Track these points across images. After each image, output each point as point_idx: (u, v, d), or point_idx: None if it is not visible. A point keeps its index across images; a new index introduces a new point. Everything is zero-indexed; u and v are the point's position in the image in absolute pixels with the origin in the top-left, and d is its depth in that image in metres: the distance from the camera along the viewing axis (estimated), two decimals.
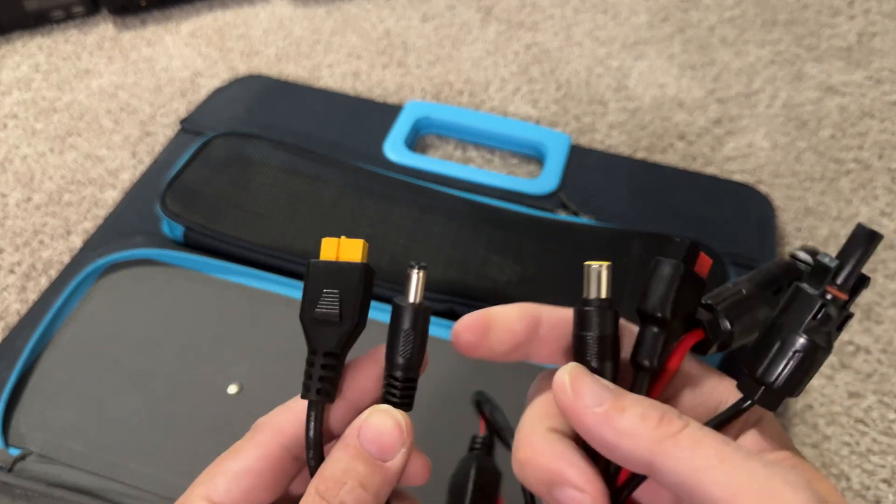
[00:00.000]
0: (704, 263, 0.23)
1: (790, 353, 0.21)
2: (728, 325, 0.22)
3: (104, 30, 0.74)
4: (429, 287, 0.49)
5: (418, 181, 0.56)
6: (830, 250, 0.65)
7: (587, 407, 0.20)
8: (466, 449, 0.36)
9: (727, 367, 0.44)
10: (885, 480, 0.46)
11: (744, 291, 0.23)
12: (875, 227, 0.59)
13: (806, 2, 0.81)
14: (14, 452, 0.41)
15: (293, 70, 0.71)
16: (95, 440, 0.42)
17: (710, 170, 0.64)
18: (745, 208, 0.59)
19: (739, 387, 0.22)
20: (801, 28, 0.78)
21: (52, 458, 0.41)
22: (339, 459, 0.21)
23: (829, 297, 0.20)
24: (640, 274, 0.51)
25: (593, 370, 0.22)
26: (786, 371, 0.21)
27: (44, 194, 0.59)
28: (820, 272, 0.21)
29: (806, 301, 0.21)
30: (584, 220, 0.55)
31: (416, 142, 0.65)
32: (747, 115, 0.69)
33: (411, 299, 0.22)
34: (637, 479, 0.22)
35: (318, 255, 0.23)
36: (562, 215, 0.56)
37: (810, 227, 0.59)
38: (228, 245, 0.51)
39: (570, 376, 0.21)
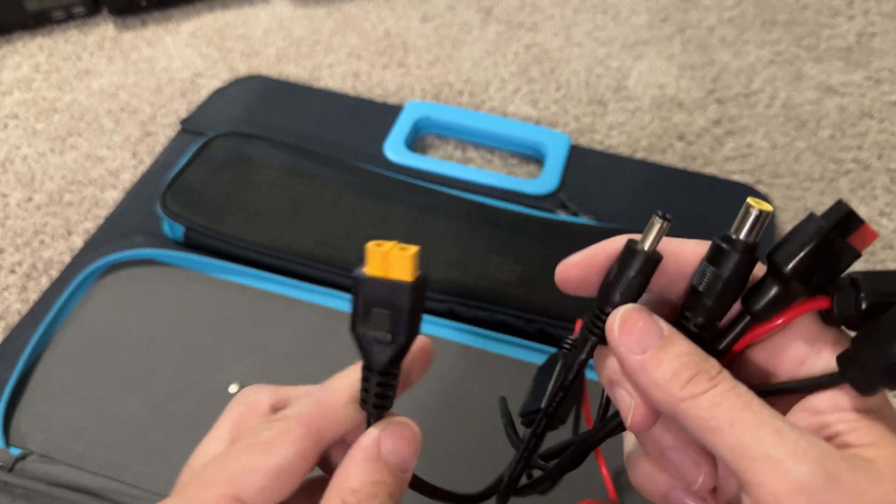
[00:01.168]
0: (866, 236, 0.20)
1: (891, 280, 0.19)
2: (863, 305, 0.20)
3: (105, 30, 0.74)
4: (429, 287, 0.50)
5: (418, 181, 0.56)
6: None
7: (629, 352, 0.22)
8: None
9: None
10: None
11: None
12: (874, 228, 0.59)
13: (805, 2, 0.81)
14: (15, 452, 0.41)
15: (293, 70, 0.71)
16: (96, 440, 0.42)
17: (710, 170, 0.64)
18: None
19: (839, 358, 0.21)
20: (800, 28, 0.78)
21: (52, 458, 0.41)
22: (366, 471, 0.21)
23: None
24: None
25: (702, 305, 0.22)
26: (890, 360, 0.19)
27: (44, 194, 0.59)
28: None
29: None
30: (584, 220, 0.56)
31: (416, 142, 0.65)
32: (747, 116, 0.69)
33: (647, 246, 0.23)
34: (744, 326, 0.22)
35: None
36: (562, 215, 0.56)
37: None
38: (229, 245, 0.51)
39: (619, 321, 0.22)
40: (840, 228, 0.20)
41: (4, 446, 0.42)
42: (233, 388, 0.44)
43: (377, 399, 0.22)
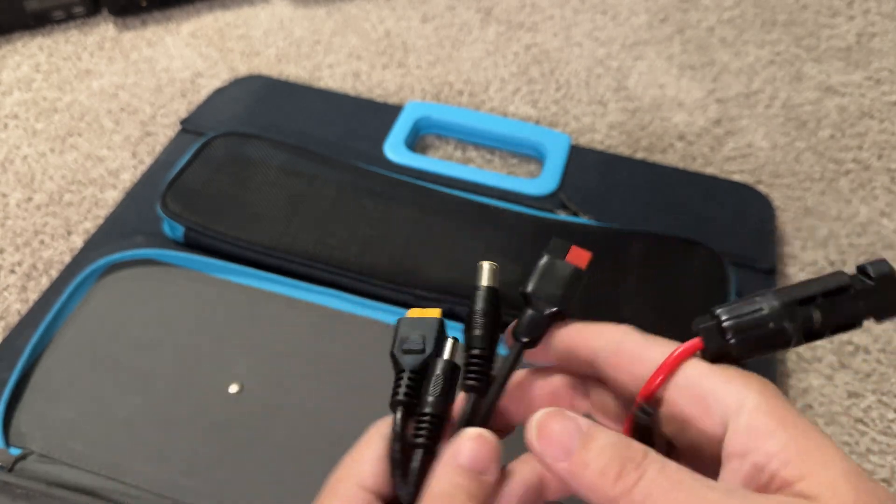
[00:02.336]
0: (580, 255, 0.26)
1: (754, 310, 0.21)
2: (730, 336, 0.22)
3: (105, 30, 0.74)
4: (429, 287, 0.50)
5: (418, 181, 0.56)
6: (830, 251, 0.65)
7: (556, 461, 0.22)
8: None
9: None
10: (884, 480, 0.46)
11: (758, 300, 0.22)
12: (874, 228, 0.59)
13: (805, 2, 0.81)
14: (15, 452, 0.41)
15: (293, 70, 0.71)
16: (96, 440, 0.42)
17: (710, 170, 0.64)
18: (745, 208, 0.59)
19: (696, 328, 0.23)
20: (800, 28, 0.78)
21: (52, 458, 0.41)
22: (443, 478, 0.23)
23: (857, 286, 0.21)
24: (640, 274, 0.51)
25: (472, 337, 0.26)
26: (739, 321, 0.21)
27: (44, 194, 0.59)
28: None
29: (828, 281, 0.21)
30: (583, 220, 0.56)
31: (416, 142, 0.65)
32: (747, 116, 0.69)
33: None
34: (517, 352, 0.26)
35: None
36: (562, 215, 0.56)
37: (810, 228, 0.60)
38: (229, 245, 0.51)
39: (536, 429, 0.22)
40: (558, 253, 0.26)
41: (4, 446, 0.42)
42: (233, 389, 0.44)
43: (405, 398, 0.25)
